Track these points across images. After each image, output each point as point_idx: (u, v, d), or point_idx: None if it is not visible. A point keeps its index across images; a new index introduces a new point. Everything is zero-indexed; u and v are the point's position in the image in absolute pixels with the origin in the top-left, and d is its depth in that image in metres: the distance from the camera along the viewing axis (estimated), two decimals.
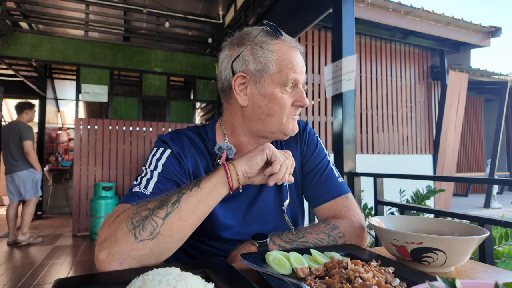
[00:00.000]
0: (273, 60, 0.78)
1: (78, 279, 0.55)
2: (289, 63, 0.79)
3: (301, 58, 0.83)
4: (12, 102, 7.89)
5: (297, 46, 0.83)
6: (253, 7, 4.08)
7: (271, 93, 0.79)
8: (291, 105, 0.81)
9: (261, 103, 0.80)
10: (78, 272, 3.06)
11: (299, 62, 0.81)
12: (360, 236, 0.82)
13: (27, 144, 3.98)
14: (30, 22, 4.93)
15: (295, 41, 0.84)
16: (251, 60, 0.79)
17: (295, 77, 0.80)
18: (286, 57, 0.79)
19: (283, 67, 0.78)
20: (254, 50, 0.79)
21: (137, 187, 0.75)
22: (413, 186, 2.93)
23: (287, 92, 0.81)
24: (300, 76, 0.81)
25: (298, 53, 0.82)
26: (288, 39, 0.82)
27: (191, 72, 5.78)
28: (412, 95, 5.83)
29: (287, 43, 0.81)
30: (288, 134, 0.84)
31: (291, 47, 0.81)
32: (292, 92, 0.81)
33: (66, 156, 7.00)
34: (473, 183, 3.60)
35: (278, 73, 0.79)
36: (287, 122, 0.82)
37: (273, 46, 0.79)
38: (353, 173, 2.33)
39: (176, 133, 0.88)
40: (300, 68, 0.81)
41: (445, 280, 0.34)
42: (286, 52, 0.79)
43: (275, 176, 0.74)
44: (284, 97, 0.80)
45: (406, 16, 4.91)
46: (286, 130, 0.83)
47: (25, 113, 4.18)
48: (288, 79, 0.79)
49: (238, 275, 0.56)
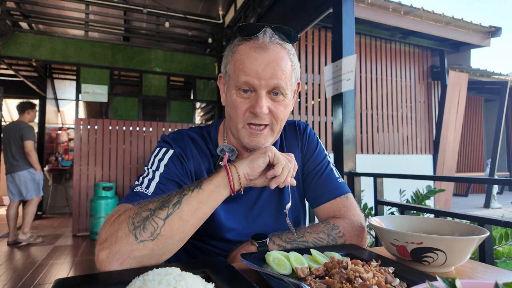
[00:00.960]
0: (231, 61, 0.78)
1: (78, 279, 0.55)
2: (240, 64, 0.75)
3: (266, 60, 0.73)
4: (12, 102, 7.89)
5: (268, 47, 0.74)
6: (253, 7, 4.08)
7: (230, 95, 0.78)
8: (247, 110, 0.76)
9: (227, 104, 0.81)
10: (78, 272, 3.06)
11: (254, 64, 0.73)
12: (360, 236, 0.82)
13: (28, 144, 3.98)
14: (30, 22, 4.93)
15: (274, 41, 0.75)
16: (223, 62, 0.82)
17: (246, 80, 0.73)
18: (240, 58, 0.75)
19: (236, 68, 0.76)
20: (226, 52, 0.82)
21: (139, 187, 0.76)
22: (413, 186, 2.93)
23: (242, 96, 0.76)
24: (254, 79, 0.73)
25: (263, 55, 0.73)
26: (260, 40, 0.75)
27: (191, 72, 5.78)
28: (412, 95, 5.83)
29: (252, 44, 0.75)
30: (246, 145, 0.78)
31: (253, 48, 0.74)
32: (250, 98, 0.76)
33: (66, 156, 7.00)
34: (473, 183, 3.60)
35: (233, 74, 0.77)
36: (243, 131, 0.78)
37: (237, 48, 0.78)
38: (353, 173, 2.33)
39: (179, 134, 0.88)
40: (255, 71, 0.73)
41: (445, 280, 0.34)
42: (243, 53, 0.75)
43: (277, 179, 0.73)
44: (238, 101, 0.76)
45: (406, 16, 4.91)
46: (243, 139, 0.78)
47: (27, 113, 4.18)
48: (239, 81, 0.74)
49: (238, 275, 0.56)
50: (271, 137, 0.79)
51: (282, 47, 0.76)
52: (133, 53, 5.43)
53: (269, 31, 0.76)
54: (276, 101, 0.77)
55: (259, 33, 0.75)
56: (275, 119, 0.77)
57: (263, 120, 0.76)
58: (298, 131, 0.96)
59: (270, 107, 0.76)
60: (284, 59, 0.76)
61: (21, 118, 4.16)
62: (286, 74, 0.75)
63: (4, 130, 4.10)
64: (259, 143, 0.77)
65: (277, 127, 0.79)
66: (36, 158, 4.09)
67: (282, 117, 0.79)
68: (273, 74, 0.73)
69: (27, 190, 4.03)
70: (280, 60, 0.75)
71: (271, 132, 0.79)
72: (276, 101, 0.77)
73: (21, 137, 3.98)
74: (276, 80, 0.74)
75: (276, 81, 0.74)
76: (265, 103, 0.74)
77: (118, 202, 0.75)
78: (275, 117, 0.77)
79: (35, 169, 4.09)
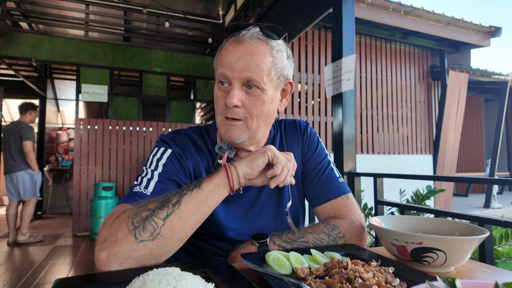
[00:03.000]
0: (217, 57, 0.82)
1: (78, 279, 0.55)
2: (219, 57, 0.79)
3: (239, 53, 0.74)
4: (12, 102, 7.89)
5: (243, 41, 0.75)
6: (253, 7, 4.08)
7: (214, 89, 0.82)
8: (224, 103, 0.77)
9: None
10: (78, 272, 3.06)
11: (228, 56, 0.75)
12: (360, 236, 0.82)
13: (27, 144, 3.97)
14: (30, 22, 4.93)
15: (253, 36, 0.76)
16: None
17: (222, 71, 0.76)
18: (221, 53, 0.79)
19: (217, 62, 0.79)
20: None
21: (138, 187, 0.76)
22: (413, 186, 2.93)
23: (221, 89, 0.79)
24: (227, 71, 0.75)
25: (238, 48, 0.75)
26: (240, 36, 0.76)
27: (191, 72, 5.78)
28: (412, 95, 5.83)
29: (233, 39, 0.77)
30: (223, 136, 0.80)
31: (231, 42, 0.77)
32: (227, 90, 0.77)
33: (66, 156, 7.00)
34: (473, 183, 3.61)
35: (215, 69, 0.81)
36: (221, 123, 0.80)
37: (224, 44, 0.80)
38: (353, 173, 2.33)
39: (177, 133, 0.88)
40: (229, 62, 0.74)
41: (445, 280, 0.34)
42: (224, 49, 0.78)
43: (277, 178, 0.73)
44: (217, 94, 0.79)
45: (406, 16, 4.91)
46: (221, 131, 0.80)
47: (29, 113, 4.18)
48: (217, 74, 0.78)
49: (238, 275, 0.56)
50: (246, 133, 0.79)
51: (262, 42, 0.76)
52: (133, 53, 5.43)
53: (254, 29, 0.77)
54: (251, 95, 0.76)
55: (243, 30, 0.77)
56: (249, 114, 0.77)
57: (235, 115, 0.76)
58: (299, 130, 0.96)
59: (244, 100, 0.76)
60: (262, 54, 0.75)
61: (22, 118, 4.16)
62: (261, 68, 0.74)
63: (4, 130, 4.10)
64: (233, 134, 0.78)
65: (253, 123, 0.78)
66: (34, 159, 4.08)
67: (258, 113, 0.78)
68: (245, 66, 0.74)
69: (24, 191, 4.02)
70: (256, 54, 0.74)
71: (246, 128, 0.78)
72: (251, 95, 0.76)
73: (21, 137, 3.98)
74: (248, 73, 0.74)
75: (248, 74, 0.74)
76: (236, 95, 0.75)
77: (118, 202, 0.75)
78: (249, 112, 0.77)
79: (33, 169, 4.09)
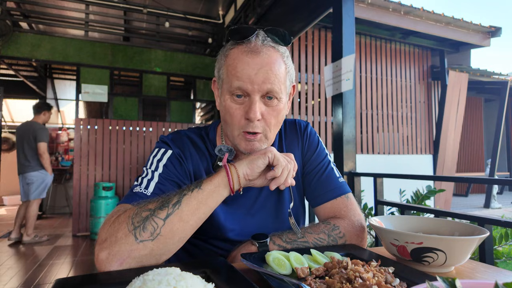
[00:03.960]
0: (223, 65, 0.78)
1: (78, 279, 0.55)
2: (233, 69, 0.74)
3: (258, 64, 0.72)
4: (12, 102, 7.90)
5: (260, 51, 0.73)
6: (253, 7, 4.08)
7: (224, 100, 0.77)
8: (242, 117, 0.75)
9: (221, 108, 0.80)
10: (78, 272, 3.06)
11: (246, 69, 0.72)
12: (360, 236, 0.82)
13: (42, 146, 4.00)
14: (30, 22, 4.92)
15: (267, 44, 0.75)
16: (216, 66, 0.82)
17: (239, 85, 0.73)
18: (232, 63, 0.74)
19: (229, 73, 0.75)
20: (219, 56, 0.81)
21: (138, 187, 0.76)
22: (413, 186, 2.93)
23: (236, 101, 0.75)
24: (247, 84, 0.72)
25: (256, 59, 0.72)
26: (252, 43, 0.74)
27: (191, 72, 5.78)
28: (412, 95, 5.83)
29: (244, 48, 0.74)
30: (242, 151, 0.79)
31: (245, 52, 0.73)
32: (245, 103, 0.75)
33: (66, 156, 6.99)
34: (473, 183, 3.61)
35: (226, 79, 0.76)
36: (239, 137, 0.77)
37: (229, 52, 0.77)
38: (353, 173, 2.33)
39: (177, 134, 0.88)
40: (248, 75, 0.72)
41: (445, 280, 0.34)
42: (236, 58, 0.74)
43: (277, 180, 0.73)
44: (233, 107, 0.75)
45: (406, 16, 4.91)
46: (239, 146, 0.78)
47: (43, 114, 4.18)
48: (232, 87, 0.74)
49: (238, 275, 0.56)
50: (265, 143, 0.79)
51: (275, 50, 0.76)
52: (133, 53, 5.43)
53: (261, 33, 0.76)
54: (269, 106, 0.76)
55: (251, 36, 0.74)
56: (268, 126, 0.77)
57: (256, 128, 0.75)
58: (299, 130, 0.96)
59: (263, 112, 0.75)
60: (277, 62, 0.75)
61: (35, 118, 4.15)
62: (279, 78, 0.75)
63: (18, 130, 4.10)
64: (254, 147, 0.77)
65: (271, 134, 0.79)
66: (48, 160, 4.11)
67: (275, 123, 0.79)
68: (266, 78, 0.72)
69: (32, 191, 4.04)
70: (273, 63, 0.74)
71: (265, 139, 0.79)
72: (269, 106, 0.76)
73: (35, 138, 3.99)
74: (269, 85, 0.73)
75: (269, 86, 0.73)
76: (258, 108, 0.73)
77: (118, 202, 0.75)
78: (267, 124, 0.77)
79: (46, 170, 4.10)
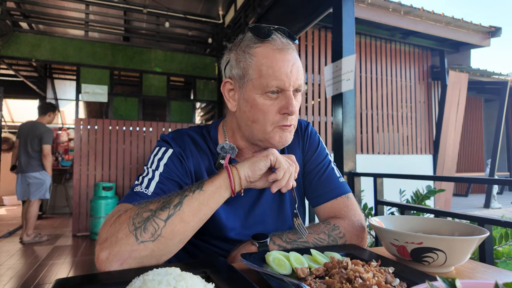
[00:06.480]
0: (252, 64, 0.75)
1: (78, 279, 0.55)
2: (269, 68, 0.73)
3: (290, 61, 0.75)
4: (12, 102, 7.90)
5: (287, 48, 0.76)
6: (253, 7, 4.08)
7: (253, 99, 0.76)
8: (277, 112, 0.76)
9: (246, 109, 0.78)
10: (78, 272, 3.06)
11: (283, 67, 0.74)
12: (360, 236, 0.82)
13: (47, 148, 4.00)
14: (30, 22, 4.93)
15: (287, 42, 0.77)
16: (235, 66, 0.79)
17: (278, 83, 0.73)
18: (266, 61, 0.74)
19: (263, 72, 0.74)
20: (238, 55, 0.79)
21: (139, 187, 0.75)
22: (413, 186, 2.93)
23: (270, 98, 0.75)
24: (285, 82, 0.74)
25: (287, 56, 0.75)
26: (277, 41, 0.76)
27: (191, 72, 5.78)
28: (412, 95, 5.83)
29: (272, 46, 0.75)
30: (275, 145, 0.79)
31: (276, 50, 0.75)
32: (279, 98, 0.76)
33: (66, 156, 6.98)
34: (473, 183, 3.60)
35: (258, 78, 0.75)
36: (273, 132, 0.77)
37: (255, 50, 0.76)
38: (353, 173, 2.33)
39: (178, 133, 0.88)
40: (285, 73, 0.74)
41: (445, 280, 0.34)
42: (268, 55, 0.74)
43: (278, 183, 0.73)
44: (267, 104, 0.75)
45: (406, 16, 4.91)
46: (272, 140, 0.78)
47: (48, 115, 4.17)
48: (268, 85, 0.74)
49: (238, 275, 0.56)
50: (293, 134, 0.83)
51: (293, 47, 0.79)
52: (133, 53, 5.42)
53: (276, 32, 0.78)
54: (296, 99, 0.78)
55: (276, 34, 0.77)
56: (296, 117, 0.81)
57: (293, 121, 0.79)
58: (300, 130, 0.96)
59: None
60: (298, 59, 0.79)
61: (40, 119, 4.14)
62: (303, 72, 0.80)
63: (21, 129, 4.08)
64: (287, 139, 0.80)
65: (296, 124, 0.83)
66: (51, 162, 4.12)
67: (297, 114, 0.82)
68: (297, 74, 0.76)
69: (33, 191, 4.03)
70: (297, 59, 0.78)
71: (294, 130, 0.82)
72: (296, 98, 0.79)
73: (40, 140, 3.98)
74: (300, 80, 0.78)
75: (300, 81, 0.78)
76: (295, 102, 0.76)
77: (118, 202, 0.75)
78: (296, 115, 0.80)
79: (46, 172, 4.10)
